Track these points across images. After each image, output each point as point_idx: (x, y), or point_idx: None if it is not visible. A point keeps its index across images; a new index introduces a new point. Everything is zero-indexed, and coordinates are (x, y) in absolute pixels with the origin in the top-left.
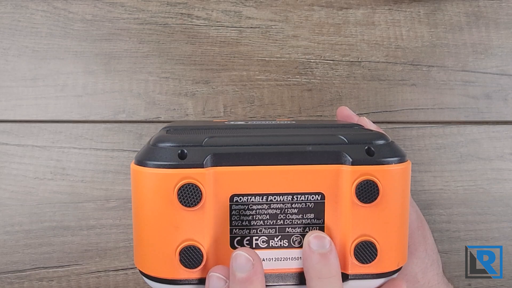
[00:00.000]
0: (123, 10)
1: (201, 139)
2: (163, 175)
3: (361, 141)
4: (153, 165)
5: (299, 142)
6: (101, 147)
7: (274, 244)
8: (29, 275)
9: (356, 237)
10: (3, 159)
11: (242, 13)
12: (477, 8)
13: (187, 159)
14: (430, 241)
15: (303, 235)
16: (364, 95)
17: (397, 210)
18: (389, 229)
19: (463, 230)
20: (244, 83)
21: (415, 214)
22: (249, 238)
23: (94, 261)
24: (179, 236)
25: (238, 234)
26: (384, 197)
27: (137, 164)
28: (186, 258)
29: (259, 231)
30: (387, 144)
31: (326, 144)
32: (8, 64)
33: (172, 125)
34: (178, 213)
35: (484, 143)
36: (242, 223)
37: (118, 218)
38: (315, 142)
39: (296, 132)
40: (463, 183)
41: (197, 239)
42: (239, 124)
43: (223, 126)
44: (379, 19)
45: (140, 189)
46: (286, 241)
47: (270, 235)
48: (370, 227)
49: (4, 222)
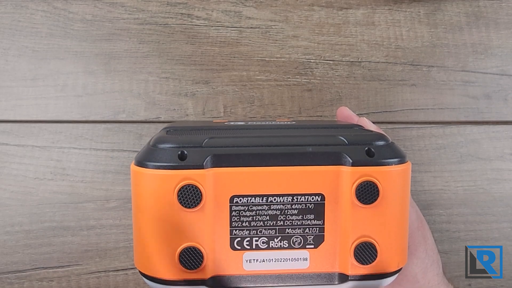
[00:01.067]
0: (123, 10)
1: (201, 140)
2: (163, 176)
3: (361, 142)
4: (153, 166)
5: (299, 143)
6: (101, 147)
7: (274, 245)
8: (29, 275)
9: (356, 238)
10: (3, 159)
11: (242, 13)
12: (477, 8)
13: (187, 160)
14: (430, 242)
15: (303, 236)
16: (364, 95)
17: (397, 211)
18: (389, 230)
19: (463, 230)
20: (244, 83)
21: (415, 214)
22: (249, 239)
23: (94, 261)
24: (179, 237)
25: (238, 235)
26: (384, 198)
27: (137, 165)
28: (186, 259)
29: (259, 232)
30: (387, 145)
31: (326, 145)
32: (8, 64)
33: (172, 126)
34: (178, 214)
35: (484, 143)
36: (242, 224)
37: (118, 218)
38: (315, 143)
39: (296, 133)
40: (463, 183)
41: (197, 240)
42: (239, 124)
43: (223, 127)
44: (379, 19)
45: (140, 190)
46: (286, 242)
47: (270, 236)
48: (370, 228)
49: (4, 222)
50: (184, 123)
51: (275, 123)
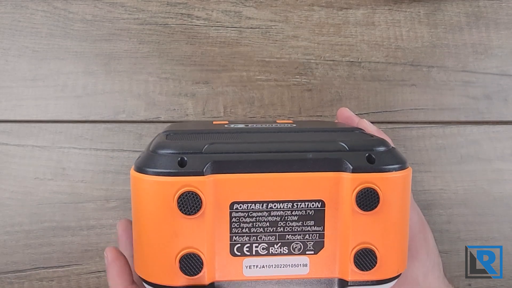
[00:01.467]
0: (123, 10)
1: (201, 146)
2: (163, 183)
3: (362, 147)
4: (153, 173)
5: (299, 149)
6: (101, 147)
7: (274, 251)
8: (29, 275)
9: (356, 244)
10: (3, 160)
11: (242, 13)
12: (477, 9)
13: (187, 166)
14: (431, 244)
15: (303, 242)
16: (364, 96)
17: (398, 217)
18: (389, 237)
19: (463, 231)
20: (244, 83)
21: (416, 216)
22: (249, 245)
23: (94, 261)
24: (179, 244)
25: (238, 241)
26: (384, 205)
27: (137, 171)
28: (186, 266)
29: (259, 238)
30: (388, 151)
31: (326, 151)
32: (8, 64)
33: (172, 129)
34: (178, 221)
35: (484, 143)
36: (242, 230)
37: (118, 218)
38: (316, 149)
39: (296, 138)
40: (463, 183)
41: (197, 246)
42: (239, 127)
43: (223, 130)
44: (379, 19)
45: (140, 196)
46: (286, 248)
47: (270, 242)
48: (370, 235)
49: (4, 223)
50: (183, 126)
51: (275, 125)
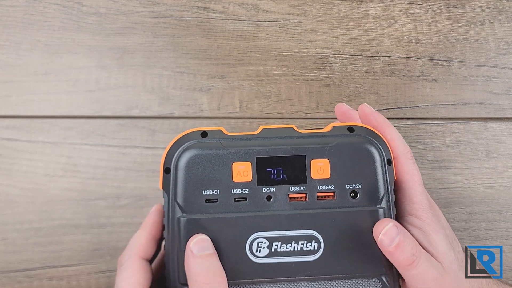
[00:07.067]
0: (137, 3)
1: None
2: None
3: None
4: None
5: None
6: (113, 143)
7: None
8: (38, 274)
9: None
10: (14, 156)
11: (260, 7)
12: (499, 2)
13: None
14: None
15: None
16: (384, 91)
17: None
18: None
19: (483, 229)
20: (261, 78)
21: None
22: None
23: (104, 260)
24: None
25: None
26: None
27: None
28: None
29: None
30: None
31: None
32: (20, 58)
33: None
34: None
35: (506, 140)
36: None
37: (130, 217)
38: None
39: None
40: (484, 180)
41: None
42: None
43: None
44: (399, 13)
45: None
46: None
47: None
48: None
49: (14, 220)
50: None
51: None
